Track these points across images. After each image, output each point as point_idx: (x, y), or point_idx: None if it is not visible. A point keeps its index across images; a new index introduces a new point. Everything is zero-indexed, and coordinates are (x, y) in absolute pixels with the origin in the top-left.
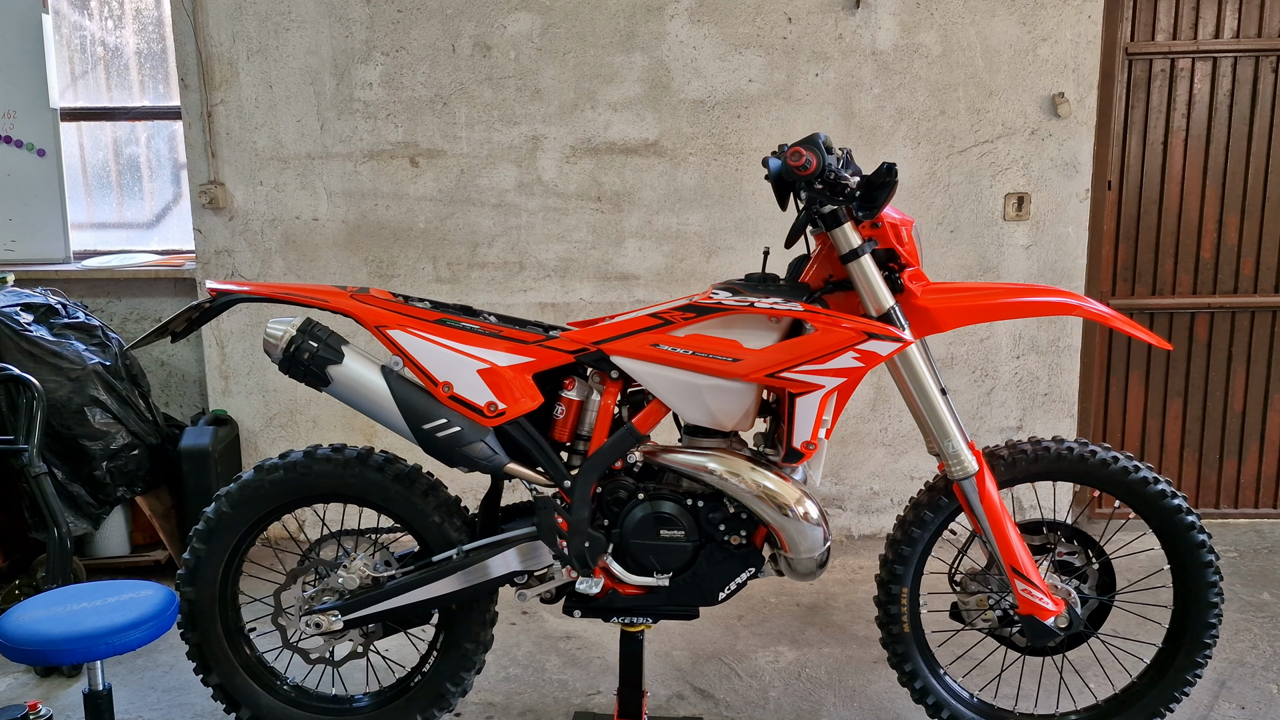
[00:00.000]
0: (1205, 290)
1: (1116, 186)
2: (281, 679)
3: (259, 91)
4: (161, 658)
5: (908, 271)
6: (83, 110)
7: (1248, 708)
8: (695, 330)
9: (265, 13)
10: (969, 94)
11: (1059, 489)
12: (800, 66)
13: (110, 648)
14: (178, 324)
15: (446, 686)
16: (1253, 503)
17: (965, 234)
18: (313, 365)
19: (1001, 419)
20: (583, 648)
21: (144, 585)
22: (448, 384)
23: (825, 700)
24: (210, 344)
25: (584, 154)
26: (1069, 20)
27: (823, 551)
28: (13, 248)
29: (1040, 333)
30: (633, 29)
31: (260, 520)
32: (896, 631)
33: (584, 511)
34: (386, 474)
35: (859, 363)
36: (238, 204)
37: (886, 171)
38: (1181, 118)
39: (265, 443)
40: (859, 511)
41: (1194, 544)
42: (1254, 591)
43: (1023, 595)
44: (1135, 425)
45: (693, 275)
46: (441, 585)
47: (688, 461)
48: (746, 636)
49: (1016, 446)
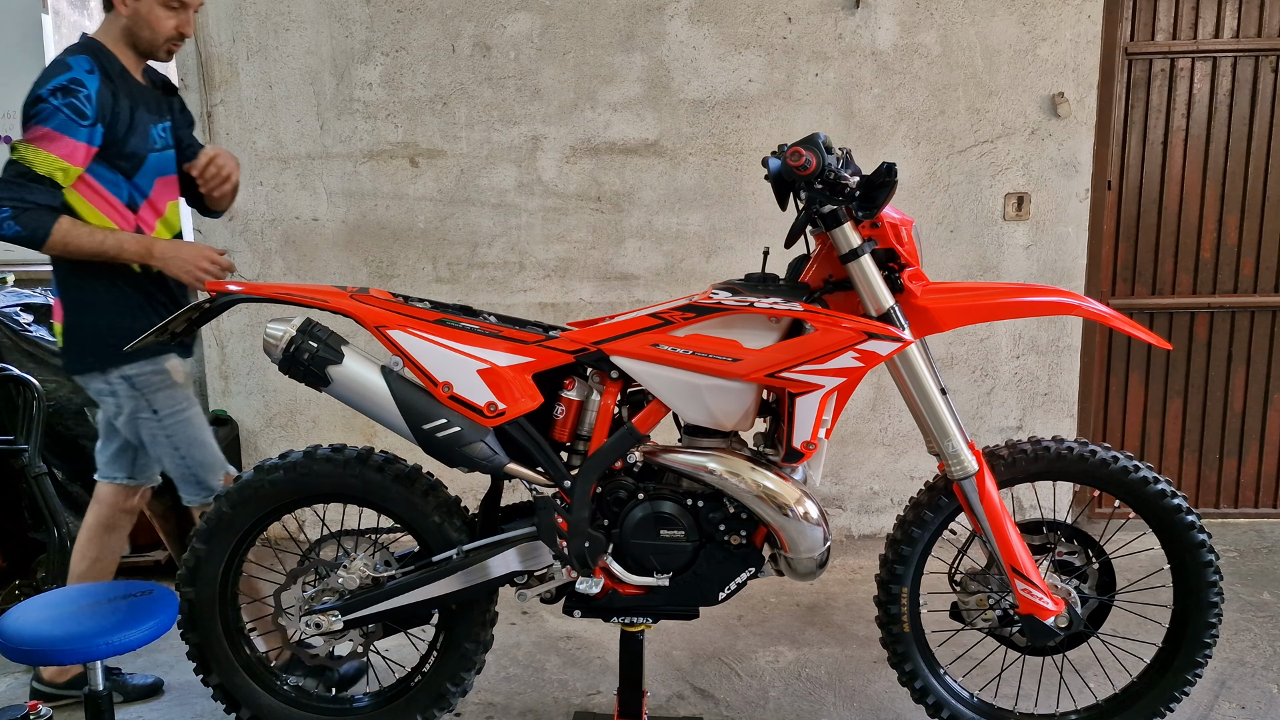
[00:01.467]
0: (1205, 290)
1: (1116, 186)
2: (281, 679)
3: (259, 91)
4: (161, 658)
5: (907, 271)
6: None
7: (1248, 708)
8: (695, 330)
9: (265, 13)
10: (969, 94)
11: (1059, 489)
12: (800, 66)
13: (110, 648)
14: (178, 324)
15: (446, 686)
16: (1253, 503)
17: (965, 234)
18: (312, 365)
19: (1001, 419)
20: (583, 648)
21: (144, 585)
22: (448, 384)
23: (825, 700)
24: (210, 344)
25: (584, 154)
26: (1069, 20)
27: (823, 551)
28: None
29: (1040, 333)
30: (632, 29)
31: (260, 520)
32: (896, 631)
33: (584, 511)
34: (386, 474)
35: (859, 363)
36: (237, 204)
37: (886, 171)
38: (1181, 118)
39: (265, 443)
40: (859, 511)
41: (1194, 544)
42: (1254, 591)
43: (1023, 595)
44: (1135, 425)
45: (693, 275)
46: (441, 585)
47: (688, 461)
48: (746, 636)
49: (1016, 446)
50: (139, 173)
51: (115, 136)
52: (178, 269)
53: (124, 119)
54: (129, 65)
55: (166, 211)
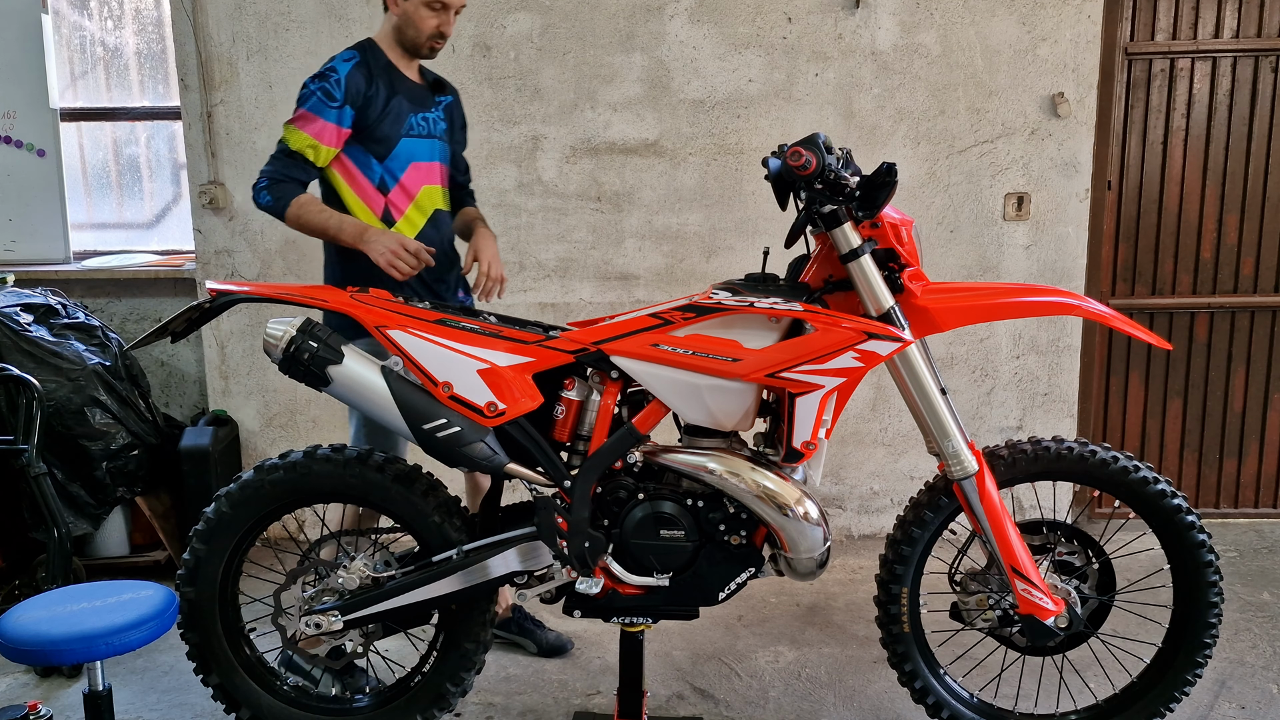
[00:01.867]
0: (1205, 290)
1: (1116, 186)
2: (281, 679)
3: (259, 91)
4: (161, 658)
5: (907, 271)
6: (83, 110)
7: (1248, 708)
8: (695, 330)
9: (265, 13)
10: (969, 94)
11: (1059, 489)
12: (800, 66)
13: (110, 648)
14: (178, 324)
15: (446, 686)
16: (1253, 503)
17: (965, 234)
18: (313, 365)
19: (1001, 419)
20: (583, 648)
21: (144, 585)
22: (448, 384)
23: (825, 700)
24: (210, 344)
25: (584, 154)
26: (1069, 20)
27: (823, 551)
28: (13, 248)
29: (1040, 333)
30: (632, 29)
31: (260, 520)
32: (896, 631)
33: (584, 511)
34: (386, 474)
35: (859, 363)
36: (238, 204)
37: (886, 171)
38: (1181, 117)
39: (265, 443)
40: (859, 511)
41: (1194, 544)
42: (1254, 591)
43: (1023, 595)
44: (1135, 425)
45: (693, 275)
46: (441, 585)
47: (688, 461)
48: (746, 636)
49: (1016, 446)
50: (390, 156)
51: (367, 120)
52: (377, 254)
53: (378, 105)
54: (396, 60)
55: (419, 195)
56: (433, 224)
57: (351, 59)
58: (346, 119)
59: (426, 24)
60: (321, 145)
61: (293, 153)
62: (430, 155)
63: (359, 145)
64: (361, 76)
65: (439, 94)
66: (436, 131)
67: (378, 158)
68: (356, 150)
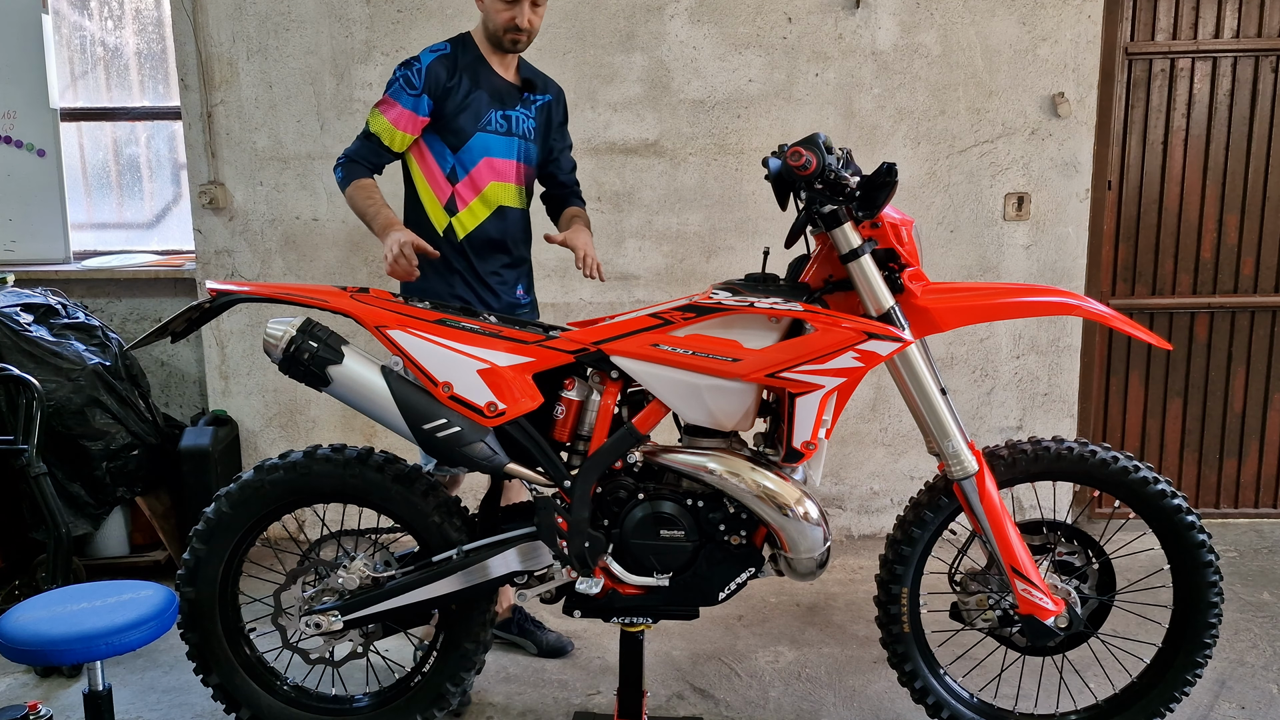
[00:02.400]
0: (1205, 290)
1: (1116, 186)
2: (281, 679)
3: (259, 92)
4: (161, 658)
5: (908, 271)
6: (83, 110)
7: (1248, 708)
8: (695, 330)
9: (265, 13)
10: (969, 94)
11: (1059, 489)
12: (800, 66)
13: (110, 648)
14: (178, 324)
15: (446, 686)
16: (1253, 503)
17: (965, 234)
18: (313, 365)
19: (1001, 419)
20: (583, 648)
21: (144, 585)
22: (448, 384)
23: (825, 700)
24: (210, 344)
25: (584, 154)
26: (1069, 20)
27: (823, 551)
28: (13, 248)
29: (1040, 333)
30: (632, 29)
31: (260, 520)
32: (896, 631)
33: (584, 511)
34: (386, 474)
35: (859, 363)
36: (238, 204)
37: (886, 171)
38: (1181, 118)
39: (265, 443)
40: (859, 511)
41: (1194, 544)
42: (1254, 591)
43: (1023, 595)
44: (1135, 425)
45: (693, 275)
46: (441, 585)
47: (688, 461)
48: (746, 636)
49: (1016, 446)
50: (464, 149)
51: (445, 111)
52: (383, 254)
53: (457, 97)
54: (488, 55)
55: (485, 190)
56: (497, 218)
57: (439, 51)
58: (424, 107)
59: (500, 16)
60: (397, 131)
61: (371, 135)
62: (507, 153)
63: (436, 134)
64: (443, 68)
65: (531, 93)
66: (519, 130)
67: (451, 148)
68: (434, 139)
